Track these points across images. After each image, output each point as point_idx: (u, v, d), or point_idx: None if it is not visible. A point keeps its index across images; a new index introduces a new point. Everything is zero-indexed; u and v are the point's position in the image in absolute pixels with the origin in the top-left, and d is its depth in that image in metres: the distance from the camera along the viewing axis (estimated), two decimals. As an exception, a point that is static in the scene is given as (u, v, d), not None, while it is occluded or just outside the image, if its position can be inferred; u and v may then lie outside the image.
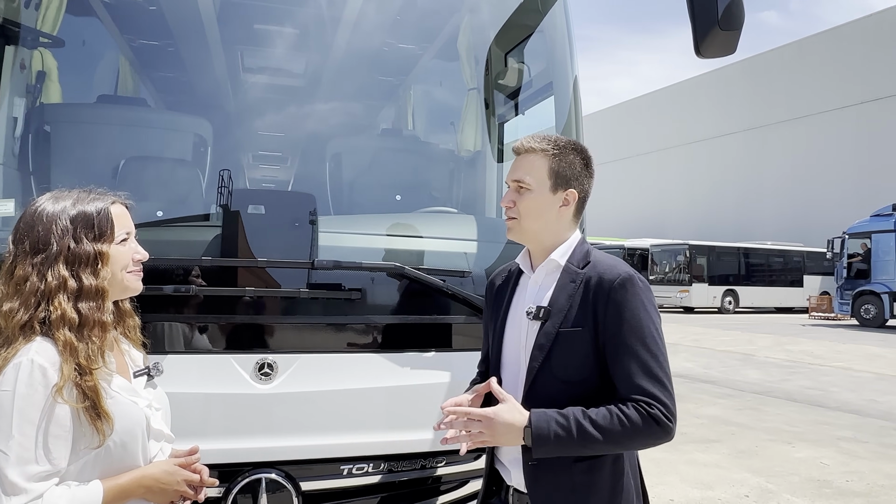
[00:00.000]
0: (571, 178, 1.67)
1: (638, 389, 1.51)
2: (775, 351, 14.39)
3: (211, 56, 3.34)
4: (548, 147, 1.67)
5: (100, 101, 3.27)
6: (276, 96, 3.59)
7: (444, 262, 2.46)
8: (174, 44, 3.57)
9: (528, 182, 1.66)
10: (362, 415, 2.18)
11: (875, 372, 11.55)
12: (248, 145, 2.97)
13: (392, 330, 2.29)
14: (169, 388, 1.72)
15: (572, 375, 1.58)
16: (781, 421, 7.63)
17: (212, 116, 3.01)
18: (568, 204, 1.68)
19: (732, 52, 2.27)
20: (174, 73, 3.80)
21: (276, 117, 3.30)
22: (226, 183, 2.23)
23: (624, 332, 1.54)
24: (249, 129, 3.16)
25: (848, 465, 5.89)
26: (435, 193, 3.60)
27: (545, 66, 3.44)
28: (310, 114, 3.71)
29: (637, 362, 1.52)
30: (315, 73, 3.79)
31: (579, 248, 1.69)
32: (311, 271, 2.18)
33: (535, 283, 1.71)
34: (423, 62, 4.14)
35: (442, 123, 4.20)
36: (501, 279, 1.84)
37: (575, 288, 1.61)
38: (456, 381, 2.29)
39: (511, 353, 1.71)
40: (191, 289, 2.03)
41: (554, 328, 1.59)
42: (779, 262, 29.34)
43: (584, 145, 1.72)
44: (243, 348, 2.10)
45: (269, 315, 2.16)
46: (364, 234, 2.44)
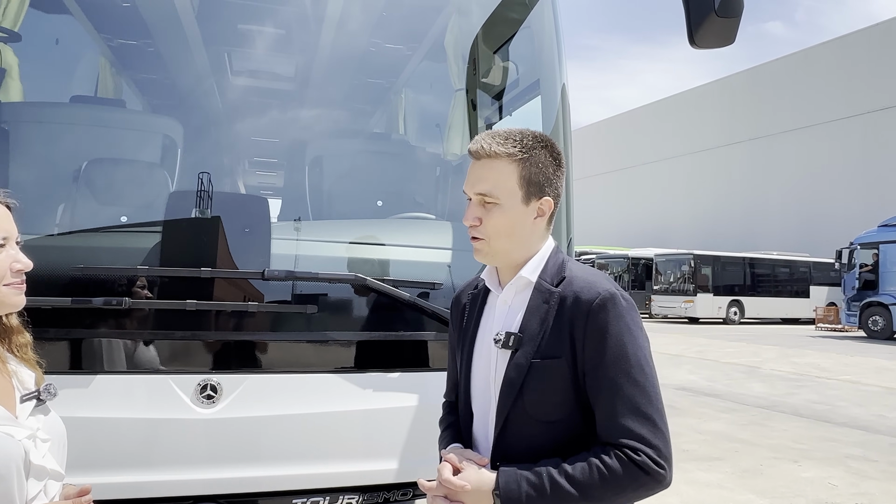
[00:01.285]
0: (545, 183, 1.40)
1: (622, 431, 1.27)
2: (781, 363, 14.08)
3: (179, 55, 3.16)
4: (514, 150, 1.38)
5: (58, 100, 3.09)
6: (250, 97, 3.40)
7: (416, 273, 2.24)
8: (142, 41, 3.40)
9: (496, 196, 1.38)
10: (318, 442, 1.96)
11: (884, 386, 11.24)
12: (212, 148, 2.77)
13: (353, 347, 2.07)
14: (98, 412, 1.51)
15: (551, 414, 1.35)
16: (787, 437, 7.36)
17: (175, 116, 2.82)
18: (543, 214, 1.42)
19: (731, 43, 2.06)
20: (140, 71, 3.63)
21: (249, 119, 3.12)
22: (169, 186, 2.03)
23: (606, 362, 1.30)
24: (216, 131, 2.96)
25: (857, 487, 5.63)
26: (416, 198, 3.39)
27: (533, 65, 3.25)
28: (286, 116, 3.53)
29: (621, 398, 1.29)
30: (292, 74, 3.61)
31: (553, 261, 1.43)
32: (261, 282, 1.96)
33: (504, 303, 1.45)
34: (408, 63, 3.96)
35: (427, 126, 4.01)
36: (468, 296, 1.58)
37: (548, 310, 1.36)
38: (424, 405, 2.07)
39: (480, 385, 1.47)
40: (123, 301, 1.82)
41: (526, 359, 1.35)
42: (785, 273, 28.99)
43: (549, 137, 1.44)
44: (183, 368, 1.89)
45: (213, 331, 1.94)
46: (325, 242, 2.23)
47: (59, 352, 1.77)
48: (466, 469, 1.35)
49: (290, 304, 2.02)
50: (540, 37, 3.17)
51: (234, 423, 1.88)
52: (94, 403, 1.72)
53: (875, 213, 28.09)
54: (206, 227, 2.01)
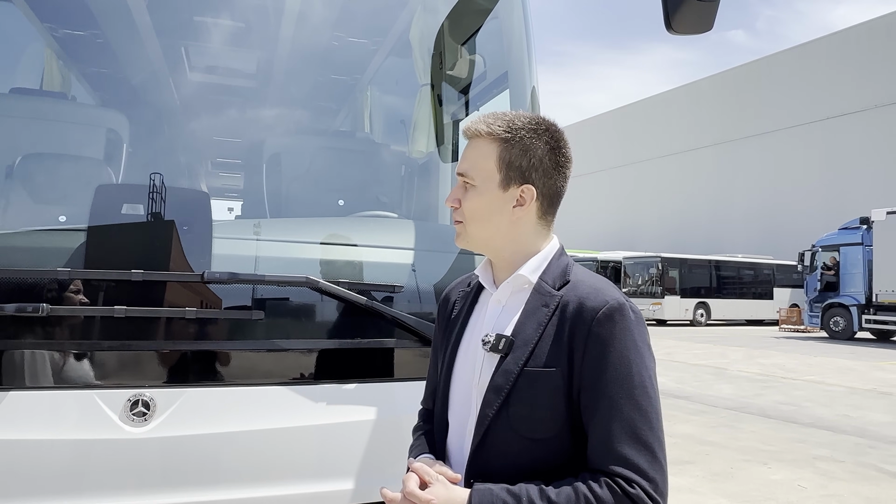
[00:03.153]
0: (528, 169, 1.27)
1: (617, 458, 1.12)
2: (748, 364, 14.24)
3: (129, 47, 2.95)
4: (498, 129, 1.27)
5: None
6: (203, 92, 3.20)
7: (375, 274, 2.07)
8: (90, 31, 3.18)
9: (473, 175, 1.28)
10: (265, 463, 1.77)
11: (847, 386, 11.42)
12: (152, 142, 2.56)
13: (304, 357, 1.88)
14: (11, 434, 1.31)
15: (537, 430, 1.19)
16: (757, 439, 7.36)
17: (116, 109, 2.61)
18: (524, 203, 1.27)
19: (709, 29, 1.94)
20: (86, 64, 3.39)
21: (198, 114, 2.91)
22: (97, 181, 1.82)
23: (606, 378, 1.15)
24: (158, 125, 2.75)
25: (826, 488, 5.62)
26: (380, 197, 3.22)
27: (502, 60, 3.11)
28: (240, 112, 3.33)
29: (620, 421, 1.13)
30: (250, 69, 3.42)
31: (556, 263, 1.29)
32: (201, 286, 1.77)
33: (497, 302, 1.31)
34: (372, 58, 3.79)
35: (392, 123, 3.84)
36: (458, 294, 1.44)
37: (548, 314, 1.22)
38: (384, 419, 1.90)
39: (461, 391, 1.31)
40: (41, 308, 1.61)
41: (517, 365, 1.20)
42: (749, 275, 29.52)
43: (553, 124, 1.31)
44: (111, 382, 1.68)
45: (146, 340, 1.74)
46: (272, 241, 2.04)
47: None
48: (435, 484, 1.19)
49: (234, 309, 1.83)
50: (509, 31, 3.05)
51: (169, 443, 1.68)
52: (5, 424, 1.51)
53: (835, 217, 28.80)
54: (138, 225, 1.81)
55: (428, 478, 1.21)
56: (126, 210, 1.81)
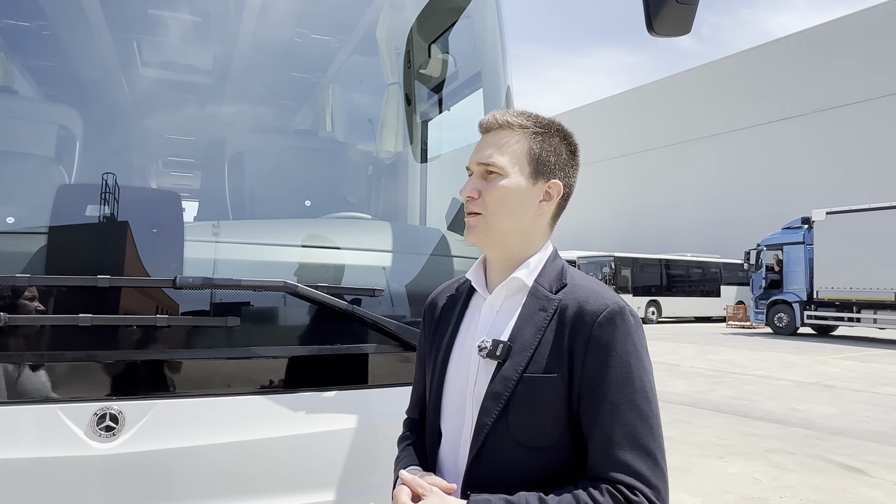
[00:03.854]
0: (556, 165, 1.27)
1: (618, 465, 1.10)
2: (699, 360, 14.64)
3: (80, 41, 2.80)
4: (528, 123, 1.26)
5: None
6: (162, 89, 3.06)
7: (352, 278, 2.01)
8: (37, 23, 3.01)
9: (501, 164, 1.24)
10: (241, 476, 1.69)
11: (792, 380, 11.86)
12: (113, 142, 2.43)
13: (282, 364, 1.81)
14: None
15: (537, 439, 1.16)
16: (711, 434, 7.55)
17: (74, 107, 2.47)
18: (550, 199, 1.27)
19: (687, 31, 1.96)
20: (34, 58, 3.21)
21: (160, 113, 2.79)
22: (59, 181, 1.71)
23: (608, 384, 1.14)
24: (120, 124, 2.62)
25: (779, 480, 5.80)
26: (348, 198, 3.15)
27: (475, 57, 3.08)
28: (202, 110, 3.21)
29: (621, 427, 1.12)
30: (209, 65, 3.30)
31: (552, 266, 1.27)
32: (173, 291, 1.68)
33: (491, 307, 1.27)
34: (338, 54, 3.71)
35: (359, 121, 3.77)
36: (446, 298, 1.40)
37: (546, 319, 1.19)
38: (365, 427, 1.84)
39: (454, 400, 1.27)
40: (0, 317, 1.49)
41: (516, 372, 1.17)
42: (698, 273, 30.38)
43: (568, 129, 1.32)
44: (77, 395, 1.58)
45: (113, 350, 1.64)
46: (249, 245, 1.96)
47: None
48: (429, 496, 1.15)
49: (209, 315, 1.74)
50: (482, 30, 3.02)
51: (139, 458, 1.58)
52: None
53: (779, 217, 29.95)
54: (104, 227, 1.70)
55: (421, 490, 1.17)
56: (91, 212, 1.69)
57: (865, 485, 5.65)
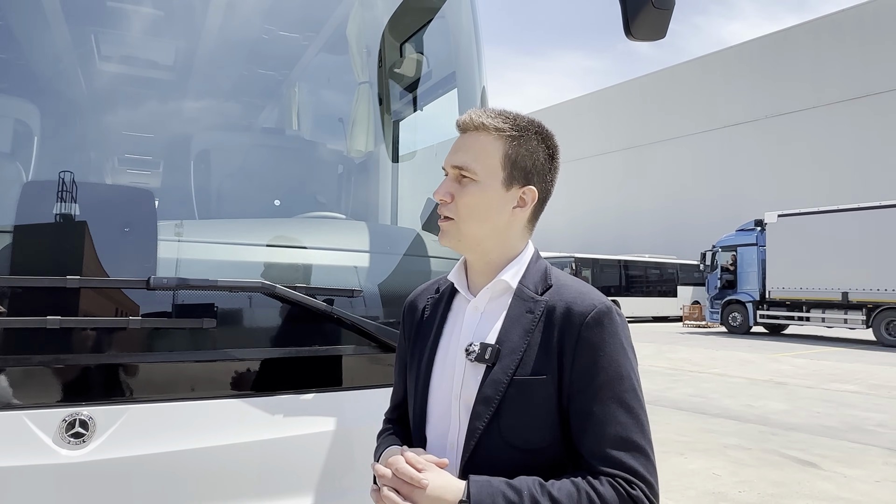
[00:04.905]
0: (532, 171, 1.24)
1: (613, 461, 1.11)
2: (657, 359, 14.94)
3: (36, 32, 2.69)
4: (504, 126, 1.23)
5: None
6: (123, 85, 2.97)
7: (328, 278, 1.98)
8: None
9: (474, 170, 1.21)
10: (217, 482, 1.65)
11: (747, 377, 12.21)
12: (85, 138, 2.34)
13: (259, 367, 1.77)
14: None
15: (531, 440, 1.16)
16: (672, 431, 7.72)
17: (33, 103, 2.37)
18: (525, 205, 1.25)
19: (663, 36, 2.00)
20: None
21: (123, 110, 2.69)
22: (22, 178, 1.63)
23: (598, 383, 1.14)
24: (91, 118, 2.53)
25: (738, 475, 5.96)
26: (320, 197, 3.11)
27: (449, 55, 3.07)
28: (165, 107, 3.12)
29: (613, 425, 1.13)
30: (172, 61, 3.21)
31: (535, 267, 1.26)
32: (146, 293, 1.62)
33: (476, 309, 1.26)
34: (307, 52, 3.66)
35: (329, 120, 3.72)
36: (427, 300, 1.37)
37: (534, 321, 1.19)
38: (344, 429, 1.82)
39: (440, 404, 1.25)
40: (-41, 320, 1.42)
41: (506, 375, 1.16)
42: (655, 274, 31.04)
43: (549, 131, 1.29)
44: (43, 401, 1.51)
45: (82, 353, 1.57)
46: (225, 244, 1.91)
47: None
48: (429, 469, 1.13)
49: (183, 317, 1.69)
50: (456, 29, 3.01)
51: (110, 465, 1.52)
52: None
53: (733, 218, 30.84)
54: (73, 226, 1.63)
55: (420, 465, 1.15)
56: (59, 210, 1.62)
57: (818, 478, 5.86)
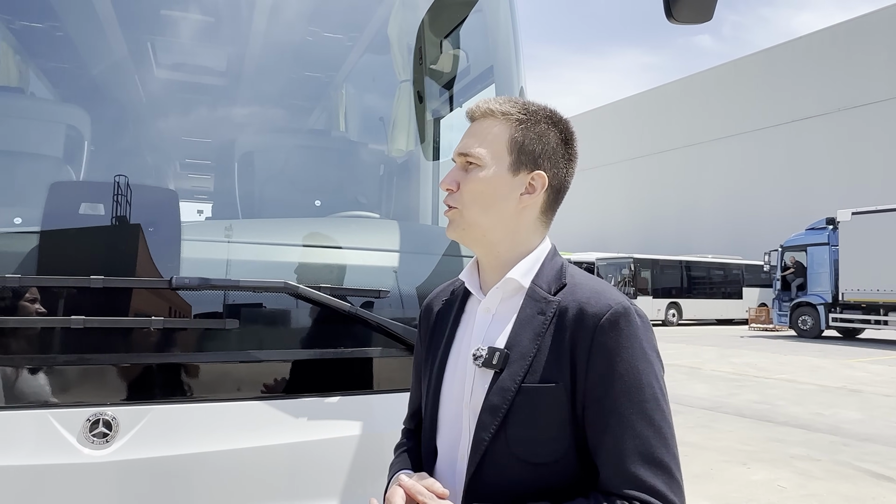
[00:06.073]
0: (541, 155, 1.17)
1: (633, 481, 1.01)
2: (721, 364, 14.38)
3: (92, 42, 2.77)
4: (512, 110, 1.17)
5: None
6: (173, 89, 3.03)
7: (358, 278, 1.94)
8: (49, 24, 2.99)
9: (479, 155, 1.15)
10: (240, 485, 1.62)
11: (817, 384, 11.58)
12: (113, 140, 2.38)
13: (283, 369, 1.74)
14: None
15: (540, 454, 1.07)
16: (734, 439, 7.38)
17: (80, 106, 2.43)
18: (534, 191, 1.16)
19: (709, 18, 1.86)
20: (46, 58, 3.20)
21: (167, 112, 2.74)
22: (53, 179, 1.66)
23: (615, 392, 1.04)
24: (133, 121, 2.58)
25: (805, 487, 5.63)
26: (358, 197, 3.09)
27: (487, 54, 3.00)
28: (211, 110, 3.17)
29: (633, 439, 1.02)
30: (221, 66, 3.26)
31: (550, 265, 1.17)
32: (169, 293, 1.62)
33: (487, 311, 1.18)
34: (349, 52, 3.66)
35: (369, 120, 3.70)
36: (442, 303, 1.30)
37: (545, 323, 1.10)
38: (369, 434, 1.76)
39: (450, 413, 1.18)
40: (-13, 319, 1.44)
41: (514, 382, 1.07)
42: (719, 275, 29.97)
43: (564, 117, 1.22)
44: (68, 400, 1.52)
45: (107, 353, 1.58)
46: (248, 244, 1.89)
47: None
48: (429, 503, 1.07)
49: (205, 318, 1.67)
50: (494, 26, 2.94)
51: (133, 466, 1.52)
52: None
53: (801, 218, 29.43)
54: (98, 227, 1.65)
55: (421, 497, 1.08)
56: (84, 210, 1.64)
57: (895, 493, 5.47)
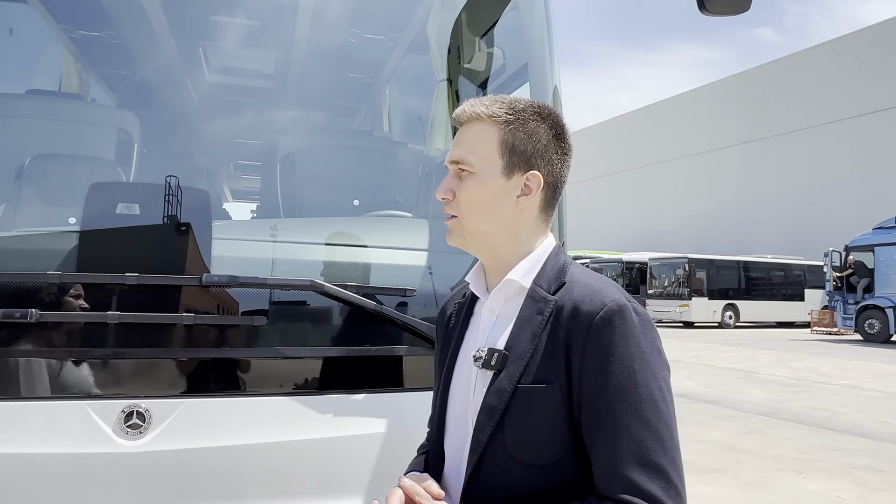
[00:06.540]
0: (533, 154, 1.15)
1: (625, 485, 0.98)
2: (779, 368, 13.85)
3: (145, 48, 2.89)
4: (499, 111, 1.14)
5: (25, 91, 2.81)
6: (219, 92, 3.13)
7: (387, 277, 1.96)
8: (106, 32, 3.13)
9: (471, 162, 1.14)
10: (267, 479, 1.66)
11: (884, 391, 11.02)
12: (175, 144, 2.47)
13: (309, 365, 1.77)
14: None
15: (538, 456, 1.05)
16: (790, 446, 7.09)
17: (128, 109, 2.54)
18: (530, 192, 1.15)
19: (746, 9, 1.79)
20: (102, 65, 3.35)
21: (214, 114, 2.84)
22: (90, 180, 1.73)
23: (608, 392, 1.01)
24: (177, 124, 2.68)
25: (866, 500, 5.36)
26: (396, 197, 3.11)
27: (522, 52, 2.99)
28: (254, 112, 3.26)
29: (626, 441, 0.99)
30: (265, 68, 3.35)
31: (552, 264, 1.15)
32: (199, 289, 1.67)
33: (491, 312, 1.17)
34: (389, 54, 3.70)
35: (408, 120, 3.73)
36: (454, 306, 1.31)
37: (542, 323, 1.08)
38: (395, 431, 1.78)
39: (457, 415, 1.18)
40: (30, 313, 1.52)
41: (511, 383, 1.06)
42: (779, 276, 28.88)
43: (554, 110, 1.19)
44: (104, 392, 1.59)
45: (140, 347, 1.64)
46: (279, 243, 1.93)
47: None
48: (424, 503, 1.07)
49: (234, 315, 1.72)
50: (529, 23, 2.92)
51: (164, 457, 1.58)
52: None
53: (868, 216, 28.02)
54: (133, 226, 1.71)
55: (418, 498, 1.08)
56: (121, 210, 1.72)
57: (966, 509, 5.15)
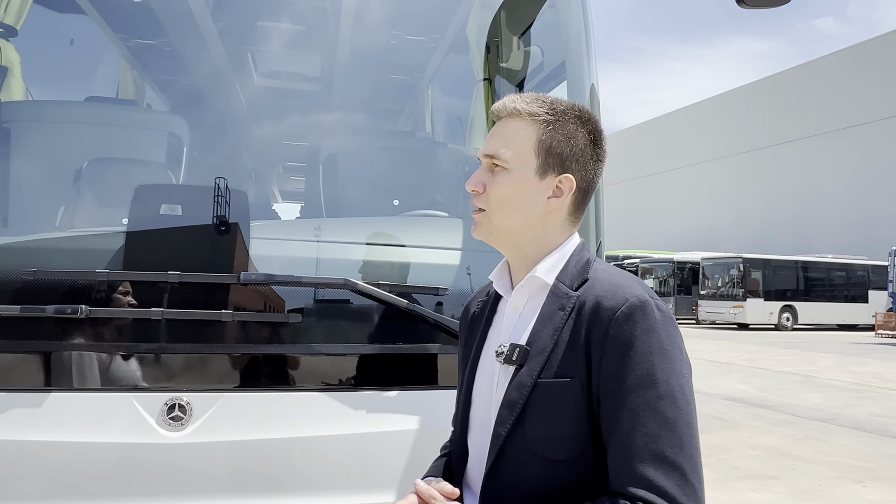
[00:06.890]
0: (569, 157, 1.14)
1: (639, 480, 0.97)
2: (839, 372, 13.30)
3: (191, 53, 3.01)
4: (539, 110, 1.14)
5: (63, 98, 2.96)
6: (265, 95, 3.23)
7: (422, 276, 1.98)
8: (157, 40, 3.27)
9: (505, 157, 1.14)
10: (303, 471, 1.71)
11: (954, 398, 10.46)
12: (218, 146, 2.56)
13: (344, 362, 1.82)
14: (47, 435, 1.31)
15: (557, 450, 1.05)
16: (848, 454, 6.81)
17: (177, 112, 2.65)
18: (561, 195, 1.14)
19: (785, 1, 1.74)
20: (151, 71, 3.49)
21: (260, 118, 2.93)
22: (134, 183, 1.82)
23: (627, 387, 1.01)
24: (224, 128, 2.78)
25: (931, 512, 5.11)
26: (436, 197, 3.14)
27: (559, 51, 2.97)
28: (295, 114, 3.34)
29: (643, 437, 0.98)
30: (306, 71, 3.43)
31: (575, 260, 1.15)
32: (238, 288, 1.73)
33: (515, 309, 1.18)
34: (429, 53, 3.73)
35: (448, 120, 3.75)
36: (478, 304, 1.32)
37: (563, 318, 1.08)
38: (427, 428, 1.80)
39: (481, 412, 1.19)
40: (80, 309, 1.61)
41: (531, 377, 1.07)
42: (841, 277, 27.72)
43: (593, 114, 1.19)
44: (148, 385, 1.67)
45: (182, 343, 1.72)
46: (311, 242, 1.99)
47: (2, 367, 1.58)
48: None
49: (272, 312, 1.78)
50: (567, 22, 2.90)
51: (205, 448, 1.64)
52: (42, 425, 1.52)
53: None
54: (176, 226, 1.79)
55: (434, 501, 1.09)
56: (164, 211, 1.80)
57: None
